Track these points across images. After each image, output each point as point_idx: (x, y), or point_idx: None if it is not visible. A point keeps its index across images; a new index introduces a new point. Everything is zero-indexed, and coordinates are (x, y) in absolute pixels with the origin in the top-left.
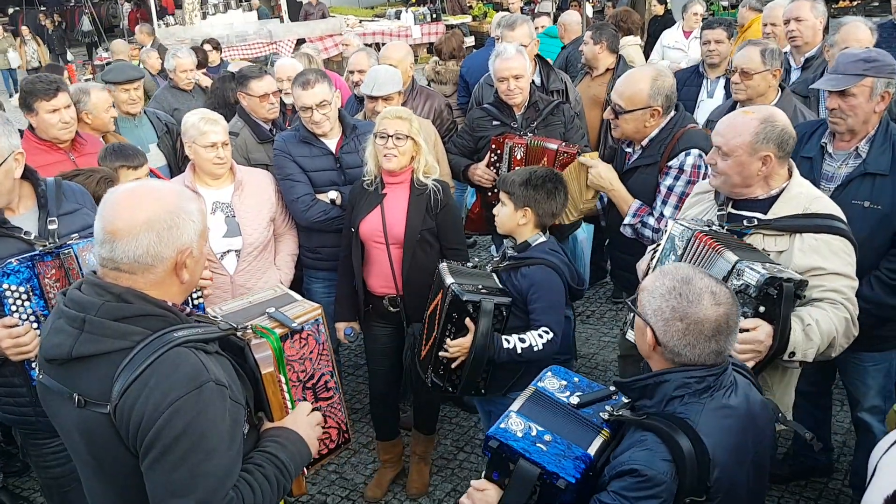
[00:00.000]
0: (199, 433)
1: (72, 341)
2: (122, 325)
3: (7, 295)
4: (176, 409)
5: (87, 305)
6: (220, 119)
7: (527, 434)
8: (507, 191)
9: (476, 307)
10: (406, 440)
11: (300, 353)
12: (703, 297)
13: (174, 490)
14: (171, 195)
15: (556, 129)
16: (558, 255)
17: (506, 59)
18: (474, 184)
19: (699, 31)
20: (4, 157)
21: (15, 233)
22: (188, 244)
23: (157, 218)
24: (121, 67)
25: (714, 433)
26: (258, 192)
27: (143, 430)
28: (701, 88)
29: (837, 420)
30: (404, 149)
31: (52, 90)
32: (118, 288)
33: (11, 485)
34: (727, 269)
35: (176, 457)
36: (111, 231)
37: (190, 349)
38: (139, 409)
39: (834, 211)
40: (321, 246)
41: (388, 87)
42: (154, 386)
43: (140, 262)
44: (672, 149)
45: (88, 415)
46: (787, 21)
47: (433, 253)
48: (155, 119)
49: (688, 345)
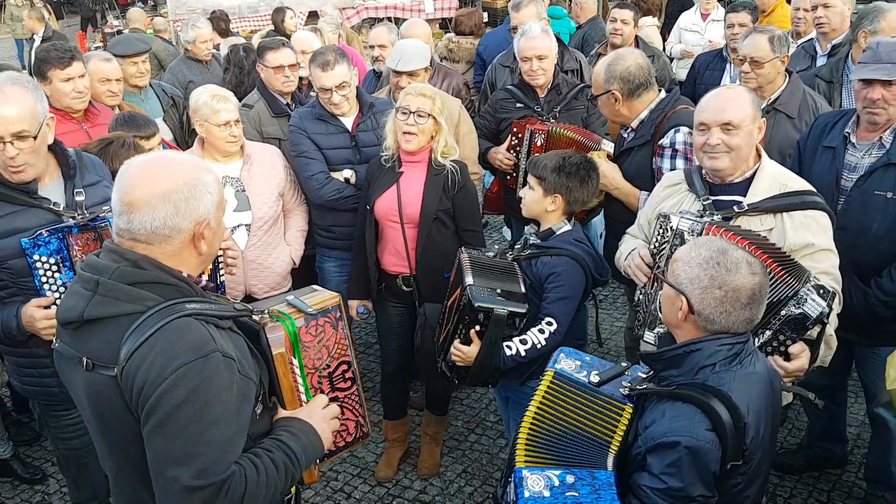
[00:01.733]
0: (202, 401)
1: (84, 303)
2: (135, 290)
3: (38, 266)
4: (180, 375)
5: (101, 269)
6: (230, 96)
7: (551, 487)
8: (537, 175)
9: (488, 315)
10: (415, 420)
11: (317, 339)
12: (741, 266)
13: (174, 458)
14: (187, 166)
15: (579, 113)
16: (582, 246)
17: (531, 37)
18: (494, 167)
19: (717, 14)
20: (41, 122)
21: (43, 204)
22: (206, 215)
23: (174, 189)
24: (128, 40)
25: (746, 399)
26: (267, 166)
27: (146, 394)
28: (724, 73)
29: (852, 412)
30: (424, 127)
31: (66, 58)
32: (134, 255)
33: (22, 454)
34: (785, 294)
35: (178, 424)
36: (128, 202)
37: (200, 321)
38: (143, 374)
39: (809, 187)
40: (334, 224)
41: (413, 62)
42: (160, 351)
43: (157, 234)
44: (663, 127)
45: (96, 378)
46: (814, 7)
47: (448, 234)
48: (161, 92)
49: (724, 312)
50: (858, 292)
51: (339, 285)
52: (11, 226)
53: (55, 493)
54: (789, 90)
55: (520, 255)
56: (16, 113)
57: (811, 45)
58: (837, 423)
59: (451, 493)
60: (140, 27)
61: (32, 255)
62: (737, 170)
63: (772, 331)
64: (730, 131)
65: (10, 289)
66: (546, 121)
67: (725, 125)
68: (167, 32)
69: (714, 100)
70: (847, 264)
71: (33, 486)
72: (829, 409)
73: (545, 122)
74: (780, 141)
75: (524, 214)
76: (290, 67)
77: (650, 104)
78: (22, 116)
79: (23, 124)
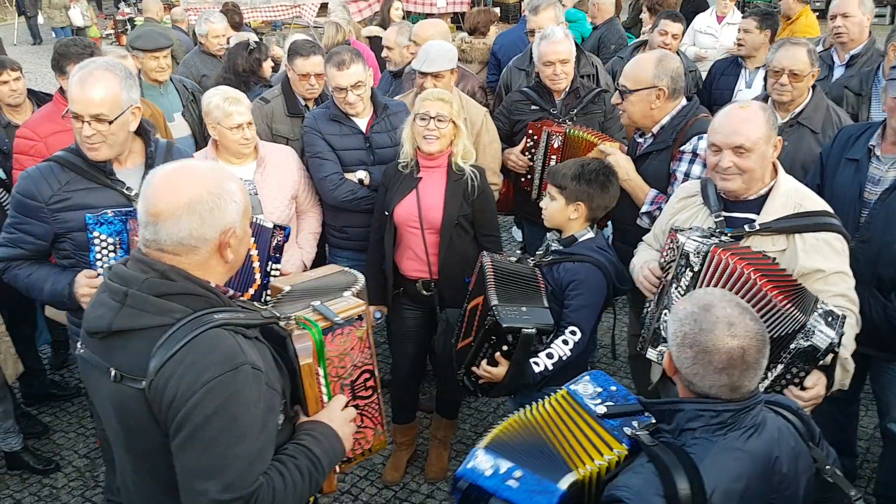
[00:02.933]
0: (231, 415)
1: (112, 314)
2: (164, 302)
3: (96, 243)
4: (209, 388)
5: (130, 280)
6: (242, 98)
7: (496, 472)
8: (557, 184)
9: (516, 335)
10: (423, 422)
11: (342, 348)
12: (717, 327)
13: (202, 471)
14: (212, 175)
15: (596, 117)
16: (605, 254)
17: (554, 42)
18: (507, 168)
19: (732, 17)
20: (123, 110)
21: (118, 186)
22: (231, 224)
23: (199, 199)
24: (149, 34)
25: (718, 476)
26: (281, 169)
27: (175, 407)
28: (739, 78)
29: (862, 425)
30: (445, 131)
31: (85, 54)
32: (162, 265)
33: (31, 447)
34: (793, 328)
35: (206, 438)
36: (154, 213)
37: (229, 332)
38: (173, 387)
39: (825, 207)
40: (347, 225)
41: (438, 63)
42: (189, 364)
43: (184, 244)
44: (685, 133)
45: (123, 389)
46: (832, 17)
47: (468, 239)
48: (181, 86)
49: (696, 374)
50: (878, 305)
51: None
52: (85, 201)
53: (63, 488)
54: (813, 104)
55: (541, 262)
56: (99, 96)
57: (828, 54)
58: (848, 436)
59: None
60: (154, 17)
61: (93, 230)
62: (750, 189)
63: (783, 364)
64: (742, 154)
65: (71, 259)
66: (563, 123)
67: (737, 148)
68: (184, 23)
69: (726, 120)
70: (868, 277)
71: (41, 480)
72: (840, 422)
73: (562, 125)
74: (803, 156)
75: (546, 224)
76: (316, 76)
77: (673, 110)
78: (104, 100)
79: (102, 108)
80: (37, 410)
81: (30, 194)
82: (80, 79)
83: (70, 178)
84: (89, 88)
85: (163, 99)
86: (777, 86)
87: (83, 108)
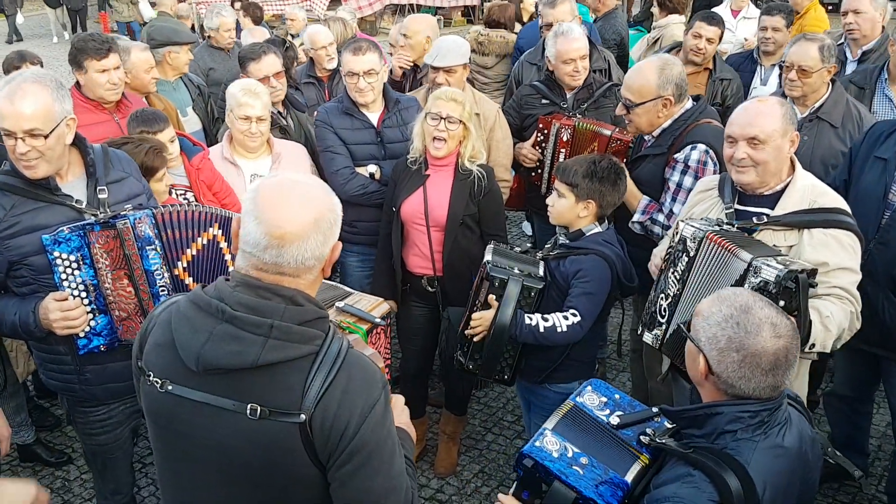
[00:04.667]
0: (391, 433)
1: (258, 349)
2: (307, 329)
3: (58, 263)
4: (377, 411)
5: (268, 310)
6: (262, 93)
7: (563, 455)
8: (568, 182)
9: (504, 284)
10: (432, 417)
11: (377, 346)
12: (763, 329)
13: (379, 494)
14: (323, 191)
15: (607, 111)
16: (613, 248)
17: (573, 39)
18: (518, 164)
19: (748, 11)
20: (57, 122)
21: (66, 201)
22: (335, 238)
23: (322, 218)
24: (178, 28)
25: (766, 475)
26: (296, 164)
27: (348, 436)
28: (754, 75)
29: (873, 423)
30: (455, 132)
31: (103, 50)
32: (289, 290)
33: (44, 439)
34: (743, 269)
35: (382, 459)
36: (279, 236)
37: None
38: (343, 416)
39: (840, 204)
40: (357, 220)
41: (450, 57)
42: (355, 391)
43: (305, 265)
44: (681, 140)
45: (269, 426)
46: (844, 13)
47: (474, 237)
48: (188, 82)
49: (742, 377)
50: (892, 308)
51: (360, 280)
52: (34, 222)
53: (75, 480)
54: (833, 99)
55: (548, 255)
56: (30, 110)
57: (841, 50)
58: (860, 435)
59: (467, 493)
60: (168, 11)
61: (53, 251)
62: (765, 183)
63: None
64: (756, 146)
65: (31, 285)
66: (572, 116)
67: (752, 139)
68: (188, 19)
69: (743, 113)
70: (883, 279)
71: (54, 472)
72: (853, 420)
73: (571, 118)
74: (823, 151)
75: (553, 222)
76: (275, 76)
77: (675, 114)
78: (35, 115)
79: (35, 122)
80: (49, 403)
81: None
82: (9, 93)
83: (14, 202)
84: (19, 102)
85: (175, 94)
86: (787, 80)
87: (14, 123)
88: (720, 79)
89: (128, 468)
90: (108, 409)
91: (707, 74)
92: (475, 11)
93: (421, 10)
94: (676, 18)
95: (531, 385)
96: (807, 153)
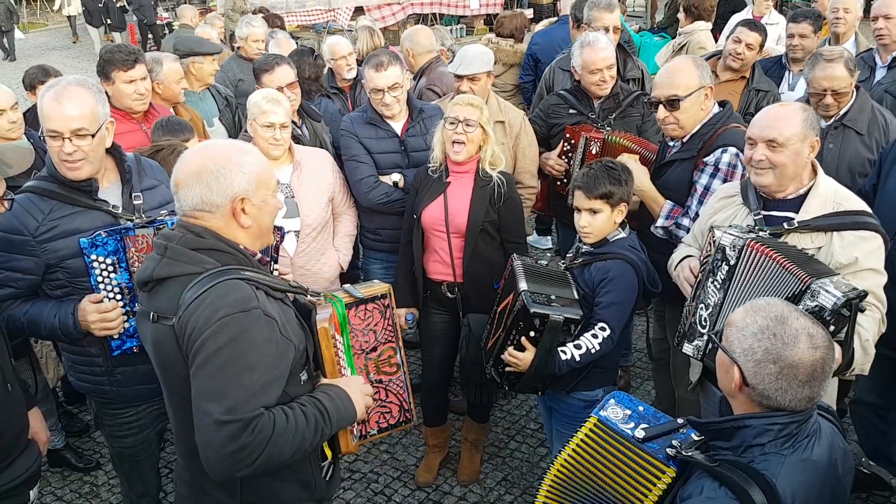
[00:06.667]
0: (239, 349)
1: (153, 265)
2: (197, 254)
3: (95, 266)
4: (223, 324)
5: (170, 236)
6: (283, 101)
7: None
8: (600, 196)
9: (543, 321)
10: (455, 424)
11: (365, 323)
12: (800, 340)
13: (209, 394)
14: (223, 149)
15: (633, 121)
16: (638, 253)
17: (600, 48)
18: (544, 172)
19: (770, 17)
20: (101, 124)
21: (102, 206)
22: (240, 192)
23: (204, 169)
24: (201, 39)
25: (794, 490)
26: (317, 172)
27: (193, 338)
28: (782, 81)
29: None
30: (473, 136)
31: (130, 61)
32: (196, 226)
33: (73, 444)
34: (796, 287)
35: (215, 365)
36: (175, 183)
37: (250, 286)
38: (193, 321)
39: (864, 207)
40: (381, 227)
41: (473, 66)
42: (209, 303)
43: (199, 209)
44: (711, 144)
45: (159, 328)
46: (874, 18)
47: (494, 244)
48: (216, 93)
49: (779, 389)
50: None
51: None
52: (72, 226)
53: (103, 485)
54: (858, 105)
55: (572, 264)
56: (77, 111)
57: (871, 55)
58: (888, 444)
59: (490, 502)
60: (189, 23)
61: (90, 254)
62: (783, 186)
63: None
64: (774, 148)
65: (66, 288)
66: (601, 128)
67: (770, 142)
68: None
69: (764, 116)
70: None
71: (82, 478)
72: (880, 429)
73: (601, 130)
74: (849, 158)
75: (593, 241)
76: (288, 86)
77: (705, 118)
78: (83, 115)
79: (82, 122)
80: (78, 409)
81: (14, 230)
82: (55, 95)
83: (52, 206)
84: (66, 103)
85: (202, 105)
86: (822, 105)
87: (62, 124)
88: (756, 89)
89: (154, 472)
90: (136, 412)
91: (744, 84)
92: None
93: (443, 19)
94: (703, 25)
95: (554, 392)
96: (833, 161)
